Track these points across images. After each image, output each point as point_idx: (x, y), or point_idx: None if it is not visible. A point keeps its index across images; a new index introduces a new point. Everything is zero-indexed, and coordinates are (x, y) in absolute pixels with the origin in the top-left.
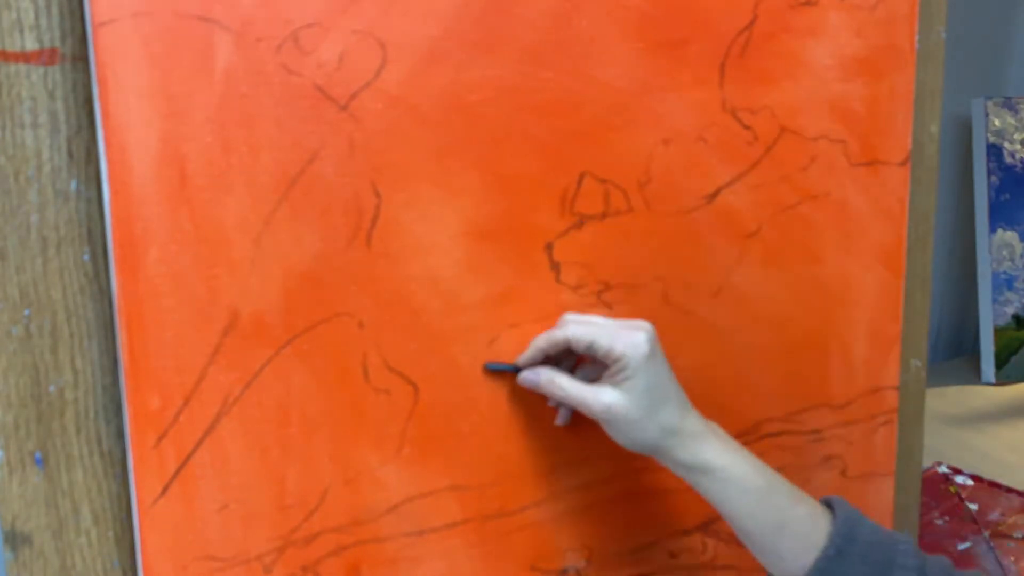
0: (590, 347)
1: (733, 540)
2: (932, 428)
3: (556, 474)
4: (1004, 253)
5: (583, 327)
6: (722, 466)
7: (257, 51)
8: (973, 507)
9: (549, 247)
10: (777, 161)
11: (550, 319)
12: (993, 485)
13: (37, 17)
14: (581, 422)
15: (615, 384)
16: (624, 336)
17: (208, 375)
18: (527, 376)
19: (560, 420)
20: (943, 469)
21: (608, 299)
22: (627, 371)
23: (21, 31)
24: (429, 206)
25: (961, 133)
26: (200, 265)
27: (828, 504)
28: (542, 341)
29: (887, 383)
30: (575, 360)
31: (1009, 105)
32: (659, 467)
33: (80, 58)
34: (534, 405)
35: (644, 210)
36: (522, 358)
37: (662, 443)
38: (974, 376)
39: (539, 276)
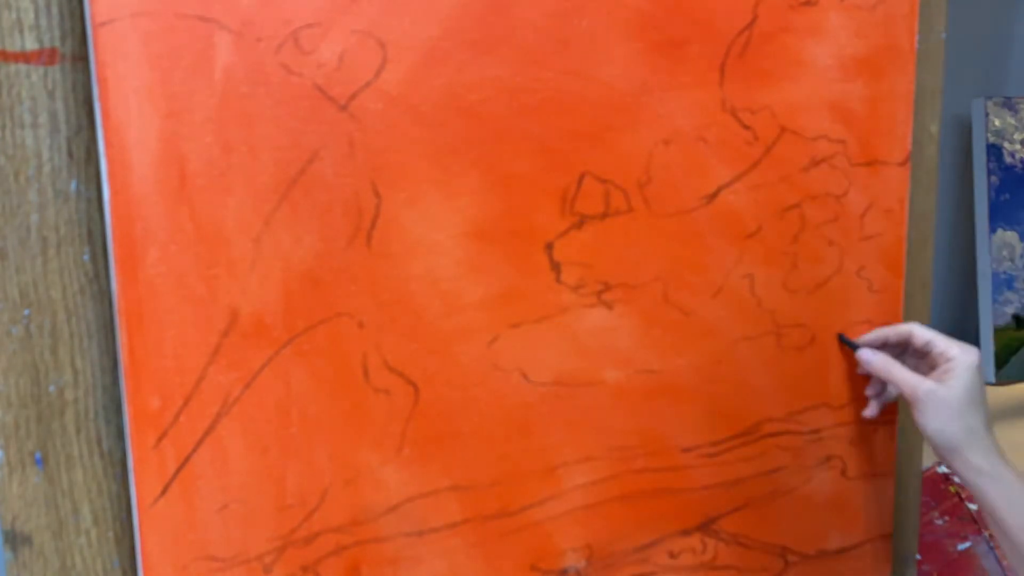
0: (929, 343)
1: (733, 540)
2: None
3: (556, 474)
4: (1004, 253)
5: (926, 330)
6: (1013, 476)
7: (257, 51)
8: (973, 507)
9: (549, 247)
10: (777, 161)
11: (550, 319)
12: None
13: (37, 17)
14: (584, 420)
15: (940, 380)
16: (959, 344)
17: (208, 375)
18: (868, 356)
19: (870, 411)
20: (943, 469)
21: (608, 299)
22: (956, 371)
23: (21, 31)
24: (429, 206)
25: (961, 133)
26: (200, 265)
27: None
28: (887, 329)
29: None
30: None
31: (1009, 105)
32: (659, 467)
33: (80, 58)
34: (535, 404)
35: (644, 210)
36: (865, 338)
37: (963, 441)
38: None
39: (539, 276)
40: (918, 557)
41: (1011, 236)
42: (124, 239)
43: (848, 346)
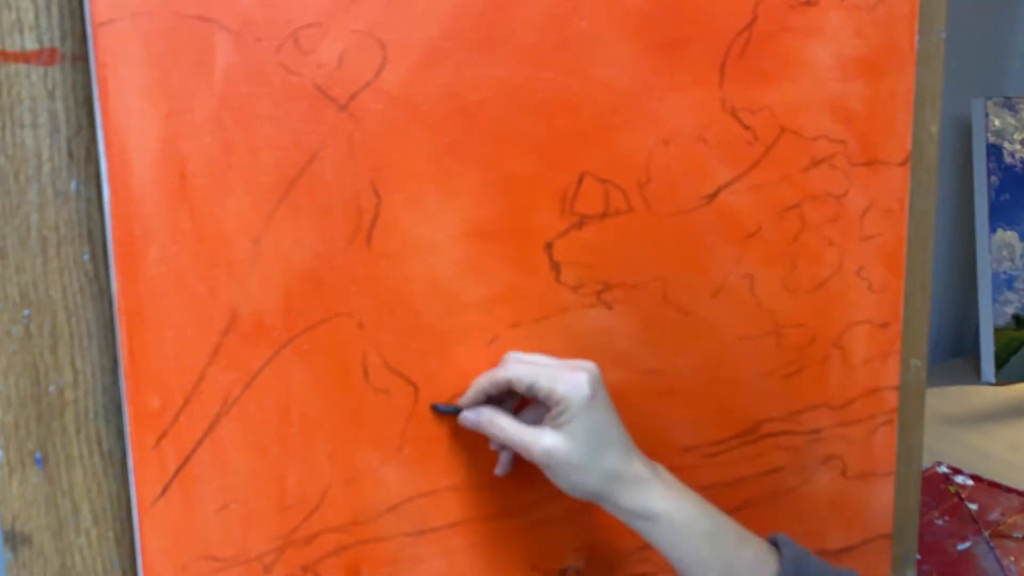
0: (531, 388)
1: None
2: (932, 428)
3: None
4: (1004, 253)
5: (525, 367)
6: (667, 512)
7: (257, 51)
8: (973, 507)
9: (549, 247)
10: (777, 161)
11: (550, 319)
12: (993, 485)
13: (37, 17)
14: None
15: (556, 427)
16: (565, 377)
17: (208, 375)
18: (468, 416)
19: (500, 469)
20: (943, 469)
21: (608, 299)
22: (568, 413)
23: (21, 31)
24: (429, 206)
25: (961, 133)
26: (200, 265)
27: (775, 543)
28: (484, 381)
29: (887, 383)
30: (519, 400)
31: (1009, 105)
32: None
33: (80, 58)
34: None
35: (644, 210)
36: (464, 398)
37: (605, 489)
38: (974, 376)
39: (539, 276)
40: (918, 557)
41: (1011, 236)
42: (124, 239)
43: (446, 413)
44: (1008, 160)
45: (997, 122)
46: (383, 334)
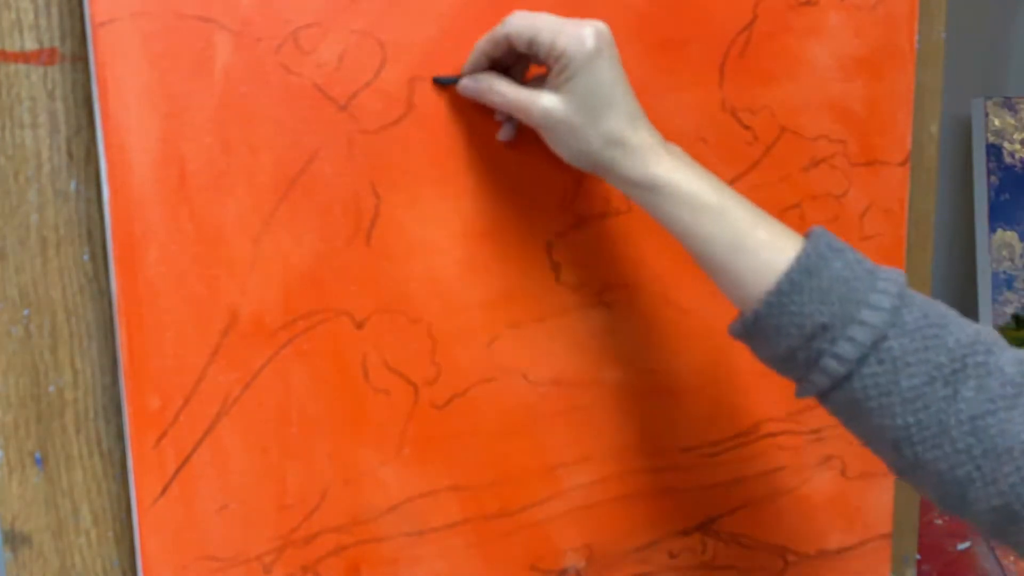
0: (532, 43)
1: (733, 540)
2: None
3: (556, 474)
4: (1004, 253)
5: (525, 21)
6: (671, 182)
7: (257, 51)
8: None
9: (549, 247)
10: (777, 161)
11: (550, 319)
12: None
13: (37, 17)
14: (584, 420)
15: (556, 87)
16: (569, 31)
17: (208, 375)
18: (467, 84)
19: (503, 134)
20: None
21: (608, 299)
22: (569, 70)
23: (21, 31)
24: (429, 206)
25: (961, 133)
26: (200, 265)
27: (809, 234)
28: (483, 42)
29: None
30: (526, 68)
31: (1009, 105)
32: (659, 467)
33: (80, 58)
34: (535, 404)
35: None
36: (466, 64)
37: (605, 154)
38: None
39: (539, 276)
40: (918, 557)
41: (1011, 236)
42: (124, 239)
43: (447, 84)
44: (1008, 160)
45: (997, 122)
46: (383, 334)
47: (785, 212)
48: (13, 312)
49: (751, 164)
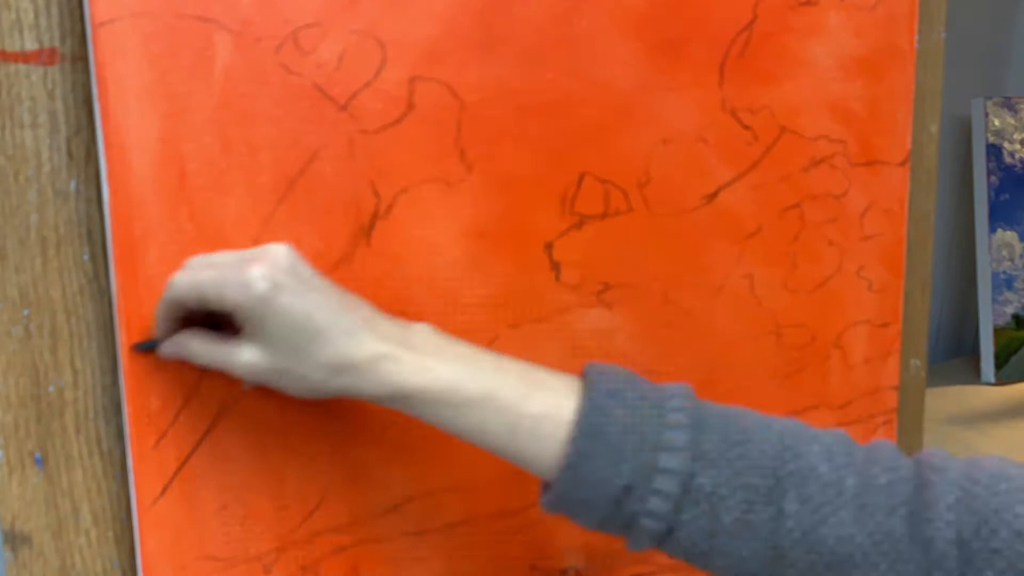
0: (203, 302)
1: None
2: (932, 428)
3: None
4: (1004, 253)
5: (186, 281)
6: (419, 387)
7: (257, 51)
8: None
9: (549, 247)
10: (777, 161)
11: (550, 319)
12: None
13: (37, 17)
14: None
15: (251, 337)
16: (232, 280)
17: (208, 375)
18: (165, 348)
19: (246, 385)
20: None
21: (608, 299)
22: (251, 321)
23: (21, 31)
24: (429, 206)
25: (961, 133)
26: None
27: (586, 375)
28: (160, 307)
29: (887, 383)
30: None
31: (1009, 105)
32: None
33: (80, 58)
34: None
35: (644, 210)
36: (157, 329)
37: (335, 383)
38: (974, 376)
39: (539, 276)
40: None
41: (1011, 236)
42: (124, 239)
43: (147, 350)
44: (1008, 160)
45: (997, 122)
46: None
47: (785, 212)
48: (13, 312)
49: (751, 164)
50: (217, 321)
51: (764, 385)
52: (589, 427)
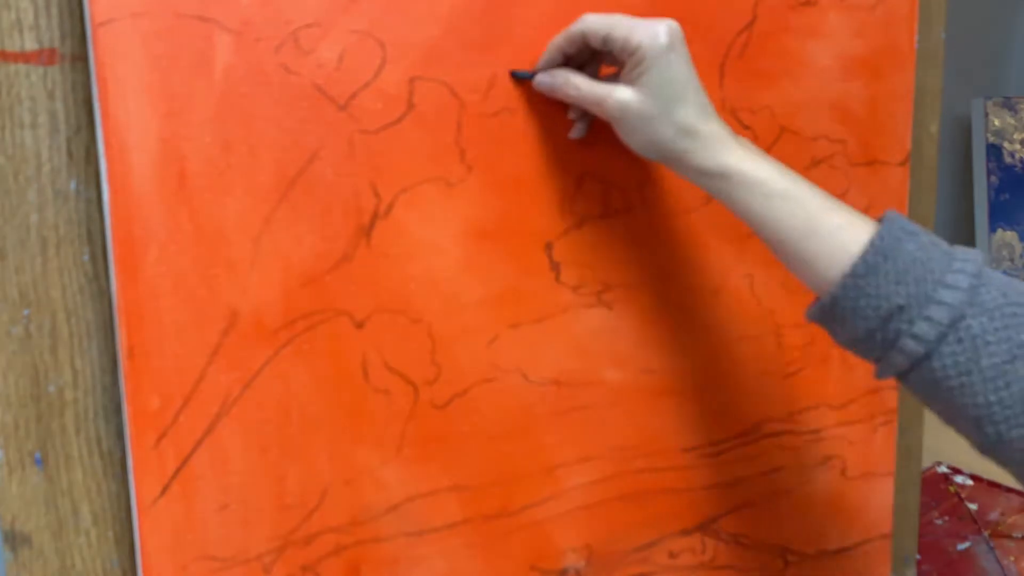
0: (607, 39)
1: (733, 540)
2: (932, 428)
3: (556, 474)
4: (1004, 253)
5: (601, 19)
6: (742, 170)
7: (256, 51)
8: (973, 507)
9: (549, 247)
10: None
11: (550, 319)
12: (993, 485)
13: (36, 17)
14: (584, 420)
15: (631, 81)
16: (643, 27)
17: (208, 375)
18: (542, 79)
19: (575, 132)
20: (943, 469)
21: (608, 299)
22: (643, 64)
23: (20, 31)
24: (429, 206)
25: (961, 133)
26: (200, 265)
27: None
28: (559, 39)
29: (887, 383)
30: (598, 66)
31: (1009, 105)
32: (659, 467)
33: (79, 58)
34: (535, 404)
35: (644, 210)
36: (541, 61)
37: (678, 145)
38: None
39: (539, 276)
40: (918, 557)
41: (1011, 236)
42: (124, 239)
43: (523, 79)
44: (1008, 160)
45: (997, 122)
46: (383, 334)
47: None
48: (13, 312)
49: None
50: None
51: (764, 385)
52: (882, 247)
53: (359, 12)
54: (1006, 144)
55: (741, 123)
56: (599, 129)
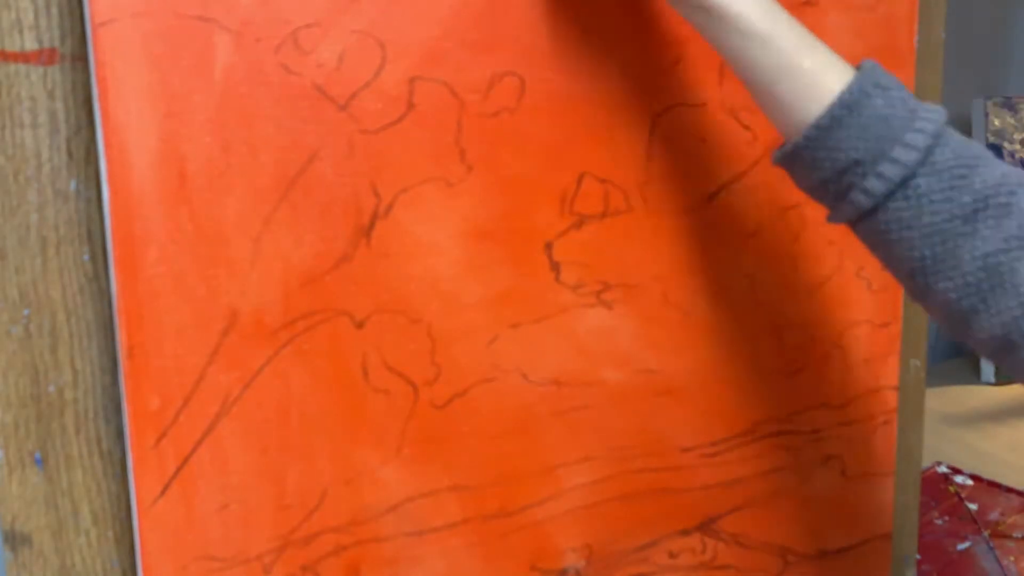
0: None
1: (732, 540)
2: (932, 428)
3: (556, 474)
4: None
5: None
6: (722, 4)
7: (256, 51)
8: (973, 507)
9: (549, 247)
10: None
11: (550, 319)
12: (993, 485)
13: (36, 17)
14: (584, 420)
15: None
16: None
17: (208, 375)
18: None
19: None
20: (943, 469)
21: (608, 299)
22: None
23: (20, 31)
24: (429, 206)
25: (961, 133)
26: (200, 265)
27: (861, 67)
28: None
29: (887, 383)
30: None
31: (1009, 105)
32: (659, 467)
33: (80, 58)
34: (535, 404)
35: (644, 210)
36: None
37: None
38: (974, 376)
39: (539, 276)
40: (918, 557)
41: None
42: (124, 239)
43: None
44: (1008, 160)
45: (997, 122)
46: (383, 334)
47: (785, 212)
48: (13, 312)
49: (751, 164)
50: None
51: (764, 385)
52: (850, 101)
53: (359, 12)
54: (1006, 144)
55: (741, 123)
56: (599, 129)
